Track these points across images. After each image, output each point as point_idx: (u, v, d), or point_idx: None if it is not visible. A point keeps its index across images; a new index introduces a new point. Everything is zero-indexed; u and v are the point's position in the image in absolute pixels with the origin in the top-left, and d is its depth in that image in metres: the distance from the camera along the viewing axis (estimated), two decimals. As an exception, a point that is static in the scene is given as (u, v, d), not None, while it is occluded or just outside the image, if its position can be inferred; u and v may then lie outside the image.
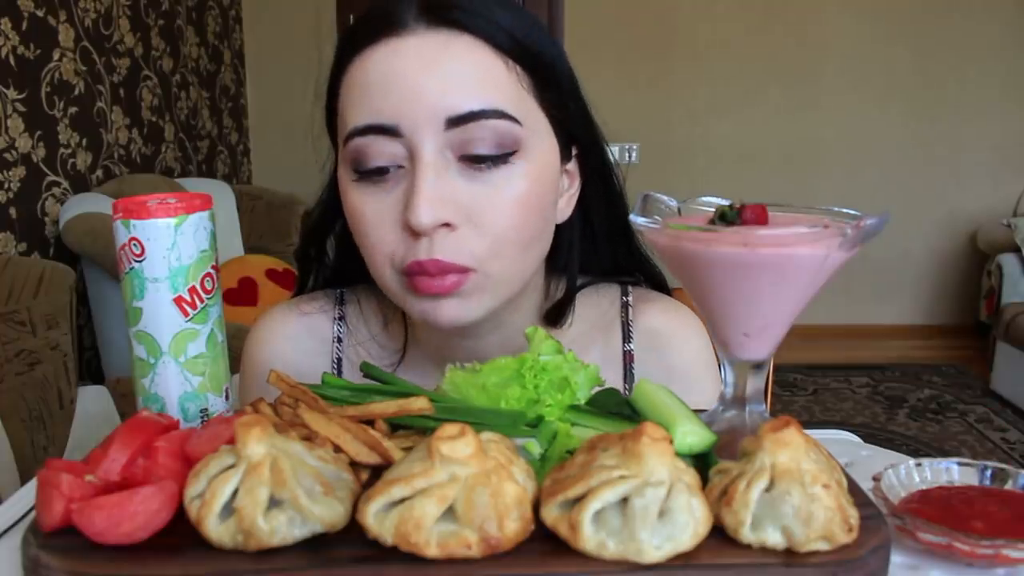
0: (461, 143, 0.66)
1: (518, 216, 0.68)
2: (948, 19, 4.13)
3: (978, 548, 0.52)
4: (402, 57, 0.66)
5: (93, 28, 2.92)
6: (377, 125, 0.66)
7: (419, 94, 0.65)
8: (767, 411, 0.63)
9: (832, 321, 4.13)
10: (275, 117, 4.34)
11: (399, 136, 0.66)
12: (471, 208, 0.67)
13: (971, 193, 4.27)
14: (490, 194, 0.67)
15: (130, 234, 0.60)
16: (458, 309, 0.69)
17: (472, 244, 0.67)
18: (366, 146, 0.67)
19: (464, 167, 0.67)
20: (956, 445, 3.09)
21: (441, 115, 0.65)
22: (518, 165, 0.68)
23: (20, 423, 1.82)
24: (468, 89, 0.65)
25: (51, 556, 0.48)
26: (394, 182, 0.67)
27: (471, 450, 0.48)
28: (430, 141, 0.65)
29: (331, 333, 0.84)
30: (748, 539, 0.49)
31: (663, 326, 0.85)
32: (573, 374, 0.63)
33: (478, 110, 0.65)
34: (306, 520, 0.48)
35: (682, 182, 4.16)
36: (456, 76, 0.66)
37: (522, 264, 0.72)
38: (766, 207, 0.59)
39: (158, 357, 0.62)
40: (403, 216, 0.66)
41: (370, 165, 0.67)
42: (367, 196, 0.68)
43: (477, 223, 0.67)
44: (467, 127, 0.65)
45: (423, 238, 0.66)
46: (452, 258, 0.66)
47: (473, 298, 0.69)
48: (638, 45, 4.16)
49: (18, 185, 2.49)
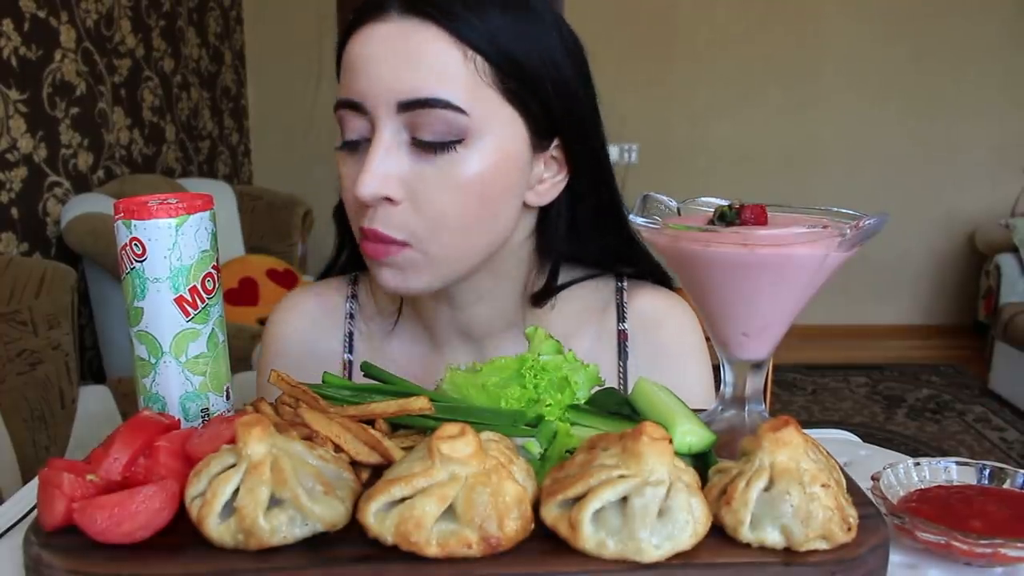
0: (412, 126, 0.71)
1: (458, 201, 0.72)
2: (947, 20, 4.14)
3: (976, 547, 0.52)
4: (374, 41, 0.71)
5: (94, 29, 2.92)
6: (348, 100, 0.73)
7: (380, 76, 0.71)
8: (766, 411, 0.63)
9: (831, 321, 4.13)
10: (276, 117, 4.34)
11: (364, 113, 0.72)
12: (414, 187, 0.72)
13: (969, 193, 4.27)
14: (434, 177, 0.71)
15: (131, 234, 0.60)
16: (397, 279, 0.75)
17: (411, 221, 0.72)
18: (343, 118, 0.74)
19: (414, 148, 0.72)
20: (954, 444, 3.09)
21: (393, 98, 0.70)
22: (463, 153, 0.71)
23: (22, 422, 1.83)
24: (420, 77, 0.70)
25: (53, 555, 0.49)
26: (362, 154, 0.73)
27: (471, 450, 0.48)
28: (386, 120, 0.71)
29: (344, 310, 0.91)
30: (747, 538, 0.49)
31: (655, 308, 0.89)
32: (573, 374, 0.63)
33: (425, 98, 0.70)
34: (307, 519, 0.48)
35: (682, 182, 4.15)
36: (411, 64, 0.70)
37: (464, 246, 0.75)
38: (765, 207, 0.59)
39: (159, 357, 0.62)
40: None
41: (347, 137, 0.74)
42: (345, 163, 0.75)
43: (418, 202, 0.72)
44: (416, 112, 0.70)
45: (368, 208, 0.72)
46: (390, 231, 0.72)
47: (410, 272, 0.74)
48: (638, 45, 4.16)
49: (20, 185, 2.49)
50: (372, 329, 0.90)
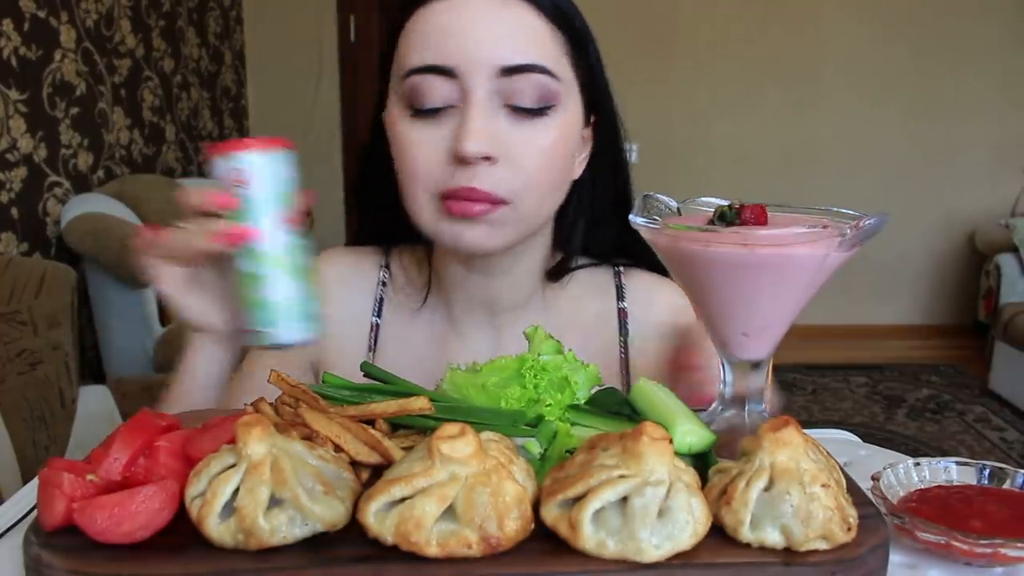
0: (508, 93, 0.75)
1: (549, 161, 0.78)
2: (946, 20, 4.14)
3: (976, 547, 0.52)
4: (465, 9, 0.75)
5: (94, 29, 2.92)
6: (436, 66, 0.75)
7: (478, 42, 0.74)
8: (766, 411, 0.63)
9: (831, 321, 4.13)
10: (275, 117, 4.34)
11: (454, 77, 0.75)
12: (510, 148, 0.76)
13: (969, 193, 4.27)
14: (528, 139, 0.76)
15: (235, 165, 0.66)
16: (483, 236, 0.78)
17: (508, 179, 0.76)
18: (423, 84, 0.75)
19: (508, 114, 0.76)
20: (954, 444, 3.09)
21: (495, 63, 0.74)
22: (552, 118, 0.77)
23: (22, 422, 1.83)
24: (520, 44, 0.75)
25: (52, 555, 0.49)
26: (444, 119, 0.76)
27: (471, 450, 0.48)
28: (482, 85, 0.75)
29: (377, 276, 0.95)
30: (747, 538, 0.49)
31: (652, 285, 0.97)
32: (573, 374, 0.63)
33: (526, 64, 0.75)
34: (307, 519, 0.48)
35: (682, 182, 4.15)
36: (511, 32, 0.75)
37: (544, 205, 0.81)
38: (765, 207, 0.59)
39: (271, 269, 0.67)
40: (451, 147, 0.75)
41: (426, 104, 0.76)
42: (418, 129, 0.77)
43: (513, 161, 0.76)
44: (515, 78, 0.75)
45: (467, 168, 0.75)
46: (488, 188, 0.75)
47: (498, 228, 0.78)
48: (638, 45, 4.17)
49: (20, 185, 2.49)
50: (402, 302, 0.93)
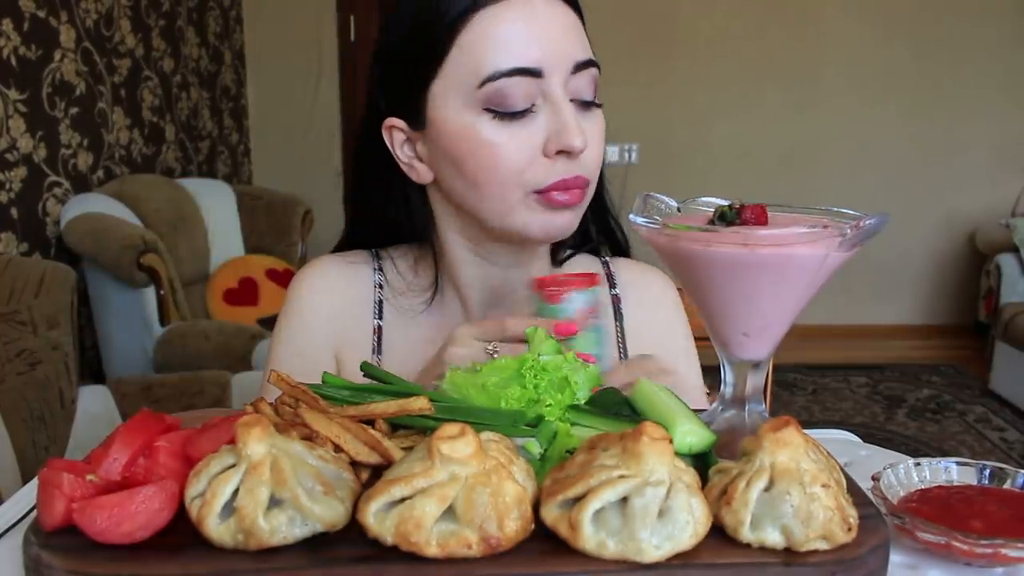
0: (574, 89, 0.81)
1: (602, 150, 0.86)
2: (946, 20, 4.14)
3: (977, 547, 0.52)
4: (536, 15, 0.79)
5: (94, 29, 2.92)
6: (524, 68, 0.78)
7: (555, 42, 0.79)
8: (766, 411, 0.63)
9: (831, 321, 4.13)
10: (275, 117, 4.34)
11: (540, 77, 0.79)
12: (587, 136, 0.81)
13: (969, 193, 4.27)
14: (592, 128, 0.83)
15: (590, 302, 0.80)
16: (571, 220, 0.84)
17: (592, 165, 0.83)
18: (509, 86, 0.78)
19: (575, 108, 0.81)
20: (955, 445, 3.09)
21: (571, 60, 0.80)
22: (600, 109, 0.85)
23: (21, 423, 1.82)
24: (581, 42, 0.82)
25: (52, 555, 0.49)
26: (532, 118, 0.80)
27: (471, 450, 0.48)
28: (560, 82, 0.80)
29: (372, 279, 0.95)
30: (748, 538, 0.49)
31: (641, 273, 1.01)
32: (573, 374, 0.63)
33: (589, 59, 0.82)
34: (306, 519, 0.48)
35: (681, 182, 4.15)
36: (573, 32, 0.82)
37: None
38: (766, 207, 0.59)
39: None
40: (550, 144, 0.79)
41: (515, 107, 0.79)
42: (505, 130, 0.80)
43: (589, 148, 0.82)
44: (580, 74, 0.81)
45: (572, 160, 0.80)
46: (586, 175, 0.82)
47: (579, 211, 0.85)
48: (638, 45, 4.16)
49: (19, 185, 2.49)
50: (403, 304, 0.94)
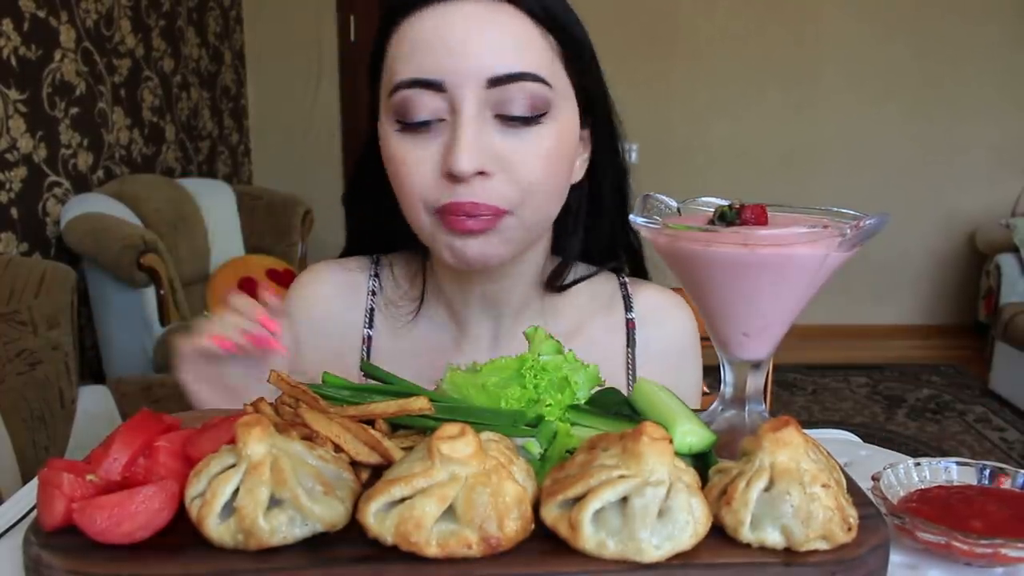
0: (499, 102, 0.73)
1: (545, 169, 0.76)
2: (947, 20, 4.13)
3: (977, 547, 0.52)
4: (450, 20, 0.72)
5: (94, 29, 2.92)
6: (423, 79, 0.73)
7: (464, 54, 0.72)
8: (766, 411, 0.63)
9: (831, 321, 4.13)
10: (275, 117, 4.34)
11: (442, 91, 0.72)
12: (505, 159, 0.74)
13: (969, 193, 4.27)
14: (522, 149, 0.74)
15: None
16: (488, 248, 0.76)
17: (506, 190, 0.74)
18: (411, 98, 0.73)
19: (499, 124, 0.74)
20: (955, 445, 3.09)
21: (483, 75, 0.72)
22: (547, 125, 0.75)
23: (21, 423, 1.82)
24: (508, 53, 0.73)
25: (52, 555, 0.49)
26: (435, 133, 0.74)
27: (471, 450, 0.48)
28: (471, 98, 0.72)
29: (366, 286, 0.93)
30: (747, 538, 0.49)
31: (661, 303, 0.94)
32: (573, 374, 0.63)
33: (516, 72, 0.72)
34: (306, 519, 0.48)
35: (681, 182, 4.15)
36: (499, 41, 0.73)
37: (546, 212, 0.80)
38: (765, 207, 0.59)
39: None
40: (443, 163, 0.73)
41: (415, 118, 0.74)
42: (408, 145, 0.75)
43: (510, 172, 0.74)
44: (506, 88, 0.72)
45: (461, 183, 0.73)
46: (487, 201, 0.73)
47: (501, 239, 0.76)
48: (638, 45, 4.16)
49: (19, 185, 2.49)
50: (394, 313, 0.91)
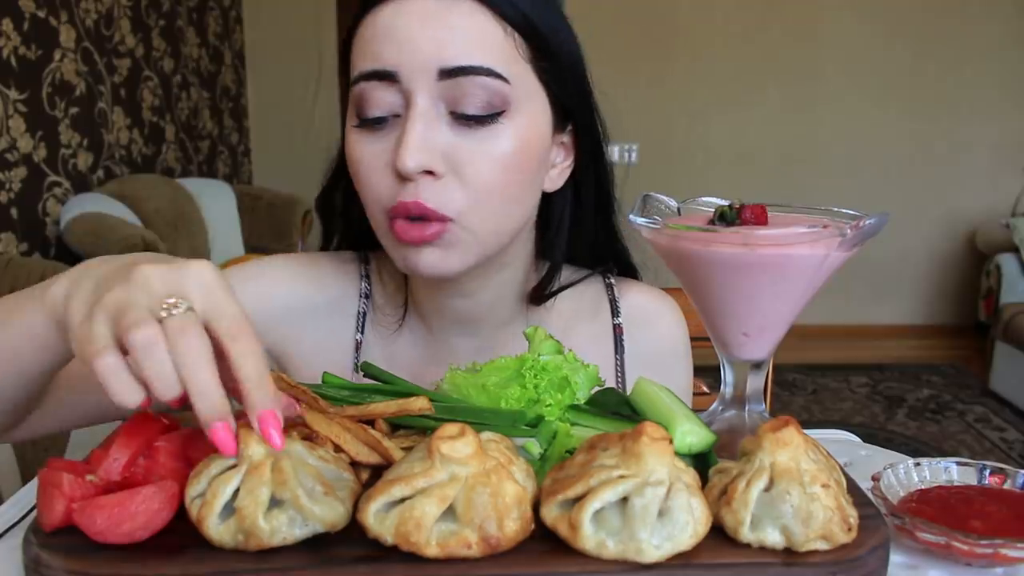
0: (453, 98, 0.69)
1: (501, 173, 0.71)
2: (947, 19, 4.14)
3: (977, 547, 0.52)
4: (406, 12, 0.70)
5: (94, 29, 2.92)
6: (378, 71, 0.70)
7: (417, 44, 0.69)
8: (766, 411, 0.63)
9: (831, 321, 4.13)
10: (275, 117, 4.34)
11: (396, 82, 0.70)
12: (456, 160, 0.70)
13: (970, 193, 4.27)
14: (476, 149, 0.70)
15: None
16: (438, 259, 0.72)
17: (455, 195, 0.70)
18: (367, 91, 0.71)
19: (453, 122, 0.70)
20: (955, 445, 3.09)
21: (434, 65, 0.69)
22: (505, 125, 0.71)
23: (20, 423, 1.82)
24: (462, 45, 0.69)
25: (52, 555, 0.49)
26: (389, 129, 0.71)
27: (471, 450, 0.48)
28: (423, 90, 0.69)
29: (358, 288, 0.88)
30: (747, 538, 0.49)
31: (649, 304, 0.91)
32: (573, 374, 0.63)
33: (469, 65, 0.69)
34: (307, 520, 0.48)
35: (681, 182, 4.15)
36: (454, 32, 0.69)
37: (503, 221, 0.75)
38: (766, 207, 0.59)
39: None
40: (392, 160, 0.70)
41: (370, 114, 0.71)
42: (365, 141, 0.72)
43: (461, 175, 0.70)
44: (458, 81, 0.69)
45: (409, 182, 0.70)
46: (434, 205, 0.70)
47: (452, 250, 0.72)
48: (638, 45, 4.16)
49: (19, 185, 2.49)
50: (381, 320, 0.87)
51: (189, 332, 0.47)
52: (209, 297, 0.49)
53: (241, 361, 0.48)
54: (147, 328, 0.46)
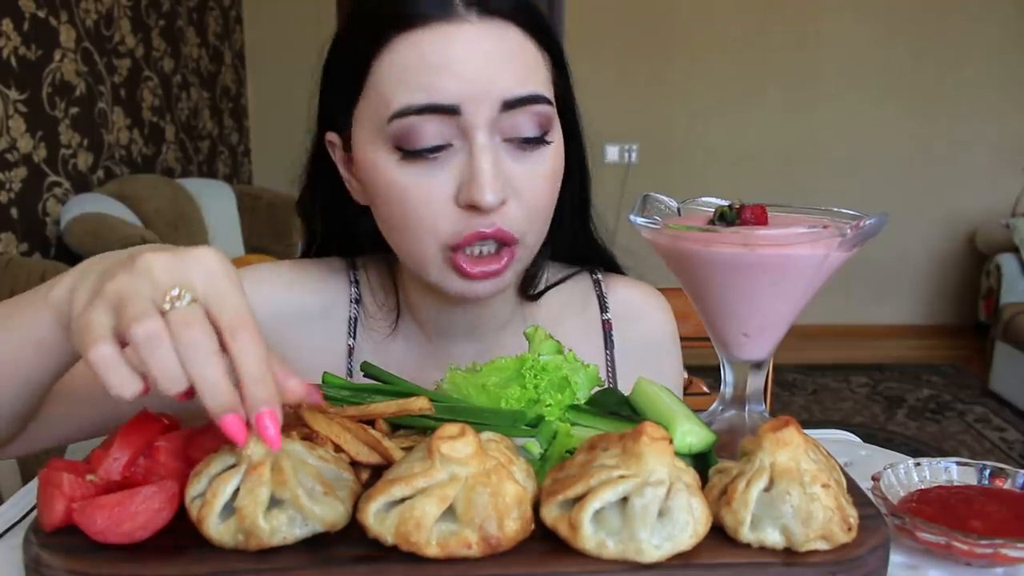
0: (509, 126, 0.71)
1: (549, 190, 0.75)
2: (947, 20, 4.14)
3: (977, 547, 0.52)
4: (461, 43, 0.69)
5: (94, 29, 2.92)
6: (437, 105, 0.68)
7: (480, 78, 0.69)
8: (766, 411, 0.63)
9: (831, 321, 4.13)
10: (275, 117, 4.34)
11: (457, 115, 0.69)
12: (516, 185, 0.72)
13: (970, 193, 4.27)
14: (531, 171, 0.72)
15: None
16: (495, 284, 0.74)
17: (518, 216, 0.72)
18: (419, 125, 0.69)
19: (509, 147, 0.71)
20: (955, 445, 3.09)
21: (498, 98, 0.69)
22: (549, 145, 0.74)
23: (20, 423, 1.82)
24: (520, 76, 0.71)
25: (52, 555, 0.49)
26: (444, 160, 0.70)
27: (471, 450, 0.48)
28: (485, 122, 0.69)
29: (348, 293, 0.87)
30: (747, 538, 0.49)
31: (636, 298, 0.92)
32: (573, 374, 0.63)
33: (527, 95, 0.71)
34: (307, 520, 0.48)
35: (681, 182, 4.15)
36: (511, 64, 0.70)
37: (544, 233, 0.78)
38: (766, 207, 0.59)
39: None
40: (461, 194, 0.70)
41: (423, 144, 0.70)
42: (413, 174, 0.71)
43: (520, 197, 0.72)
44: (516, 111, 0.70)
45: (483, 214, 0.70)
46: (506, 227, 0.71)
47: (508, 271, 0.74)
48: (638, 45, 4.16)
49: (19, 185, 2.49)
50: (373, 325, 0.86)
51: (194, 326, 0.46)
52: (212, 286, 0.48)
53: (242, 356, 0.47)
54: (150, 322, 0.45)
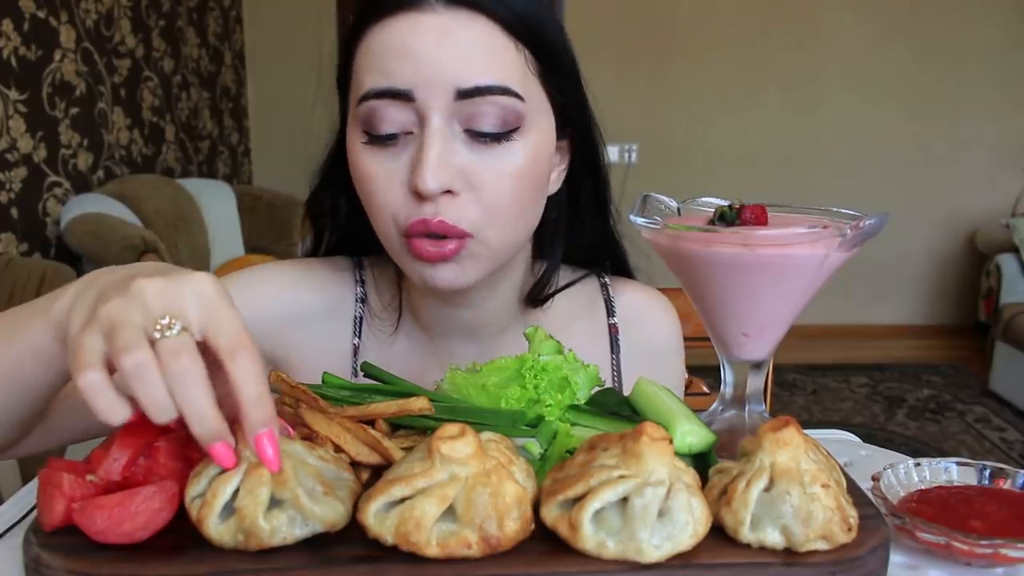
0: (468, 116, 0.70)
1: (515, 188, 0.72)
2: (947, 20, 4.14)
3: (977, 547, 0.52)
4: (422, 30, 0.69)
5: (94, 29, 2.92)
6: (392, 89, 0.69)
7: (434, 64, 0.68)
8: (766, 411, 0.63)
9: (831, 321, 4.13)
10: (275, 117, 4.34)
11: (411, 101, 0.69)
12: (472, 177, 0.70)
13: (970, 193, 4.27)
14: (491, 166, 0.71)
15: None
16: (454, 273, 0.73)
17: (471, 211, 0.71)
18: (378, 109, 0.70)
19: (468, 139, 0.70)
20: (955, 445, 3.09)
21: (452, 86, 0.68)
22: (518, 141, 0.72)
23: (20, 423, 1.82)
24: (480, 65, 0.69)
25: (52, 555, 0.49)
26: (403, 147, 0.71)
27: (471, 450, 0.48)
28: (440, 110, 0.69)
29: (353, 292, 0.87)
30: (747, 538, 0.49)
31: (643, 303, 0.92)
32: (573, 374, 0.63)
33: (486, 85, 0.69)
34: (307, 520, 0.48)
35: (681, 182, 4.15)
36: (470, 52, 0.69)
37: (515, 233, 0.76)
38: (766, 207, 0.59)
39: None
40: (410, 180, 0.70)
41: (381, 130, 0.70)
42: (376, 158, 0.72)
43: (477, 192, 0.71)
44: (475, 100, 0.69)
45: (427, 202, 0.70)
46: (453, 221, 0.70)
47: (468, 264, 0.73)
48: (638, 45, 4.16)
49: (19, 186, 2.49)
50: (378, 325, 0.87)
51: (182, 355, 0.46)
52: (208, 312, 0.49)
53: (241, 380, 0.47)
54: (139, 352, 0.46)
